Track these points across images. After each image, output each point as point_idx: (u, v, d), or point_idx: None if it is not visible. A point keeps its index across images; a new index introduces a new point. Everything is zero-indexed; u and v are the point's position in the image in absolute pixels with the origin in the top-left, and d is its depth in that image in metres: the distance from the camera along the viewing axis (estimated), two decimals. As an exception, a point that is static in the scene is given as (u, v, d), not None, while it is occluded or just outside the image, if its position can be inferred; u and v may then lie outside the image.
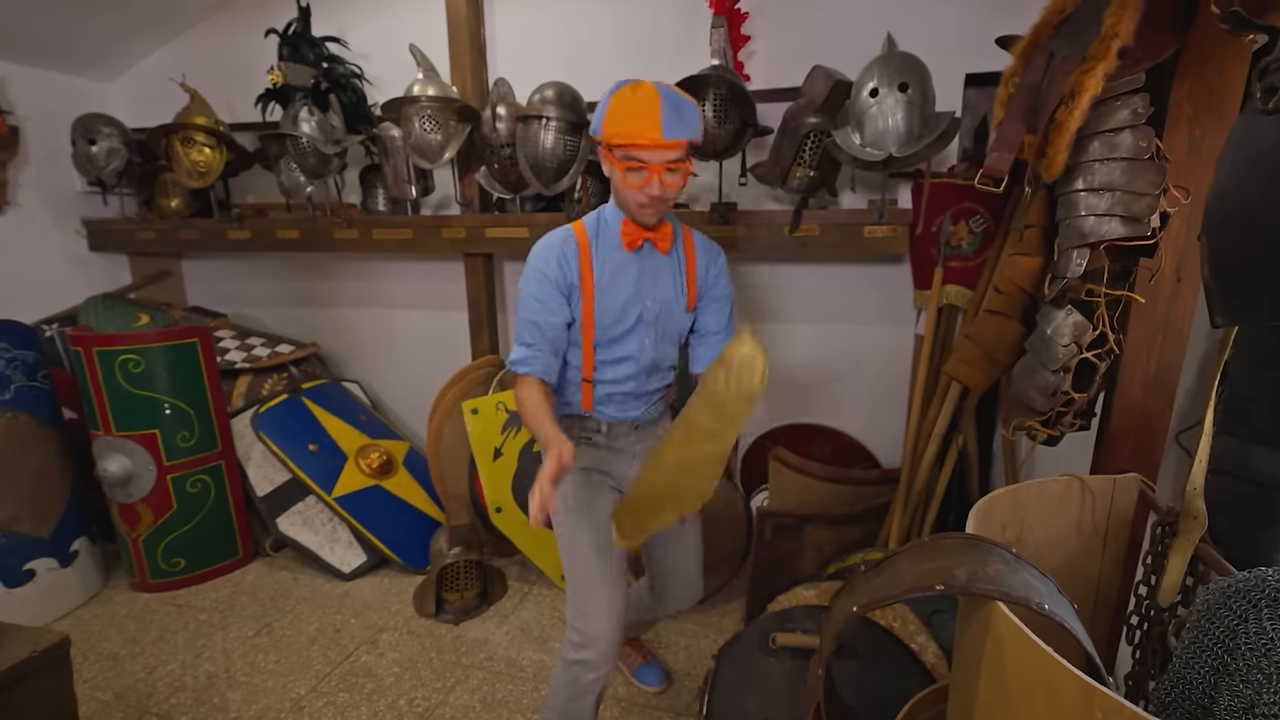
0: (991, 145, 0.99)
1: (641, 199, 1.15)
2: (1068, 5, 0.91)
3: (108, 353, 2.00)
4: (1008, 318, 1.15)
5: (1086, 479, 0.93)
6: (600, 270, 1.23)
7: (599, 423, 1.33)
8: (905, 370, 2.30)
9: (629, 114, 1.10)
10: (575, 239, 1.23)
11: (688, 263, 1.31)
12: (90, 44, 2.52)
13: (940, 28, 1.93)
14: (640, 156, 1.12)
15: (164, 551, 2.17)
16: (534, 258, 1.23)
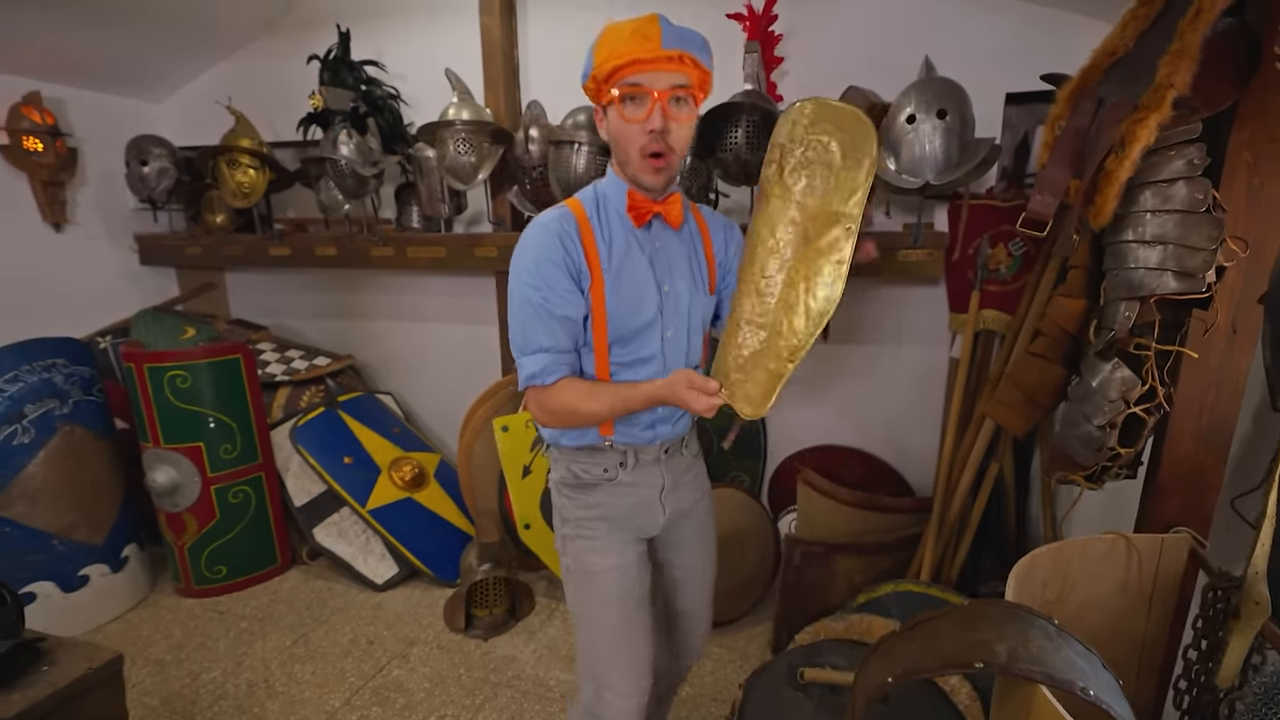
0: (1036, 188, 0.96)
1: (643, 140, 0.96)
2: (1118, 49, 0.88)
3: (157, 369, 2.08)
4: (1050, 361, 1.12)
5: (1133, 538, 0.90)
6: (607, 251, 1.03)
7: (621, 452, 1.10)
8: (938, 393, 2.26)
9: (620, 35, 0.94)
10: (574, 216, 1.02)
11: (704, 239, 1.14)
12: (143, 67, 2.62)
13: (980, 46, 1.88)
14: (637, 80, 0.93)
15: (208, 559, 2.26)
16: (528, 244, 1.01)
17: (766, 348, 0.93)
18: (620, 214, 1.04)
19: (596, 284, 1.02)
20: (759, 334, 0.93)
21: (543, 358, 1.02)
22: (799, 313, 0.91)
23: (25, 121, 2.36)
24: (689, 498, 1.22)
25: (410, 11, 2.39)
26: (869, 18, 1.96)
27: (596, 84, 0.98)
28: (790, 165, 0.90)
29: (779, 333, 0.92)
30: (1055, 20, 1.82)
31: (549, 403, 1.03)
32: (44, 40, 2.27)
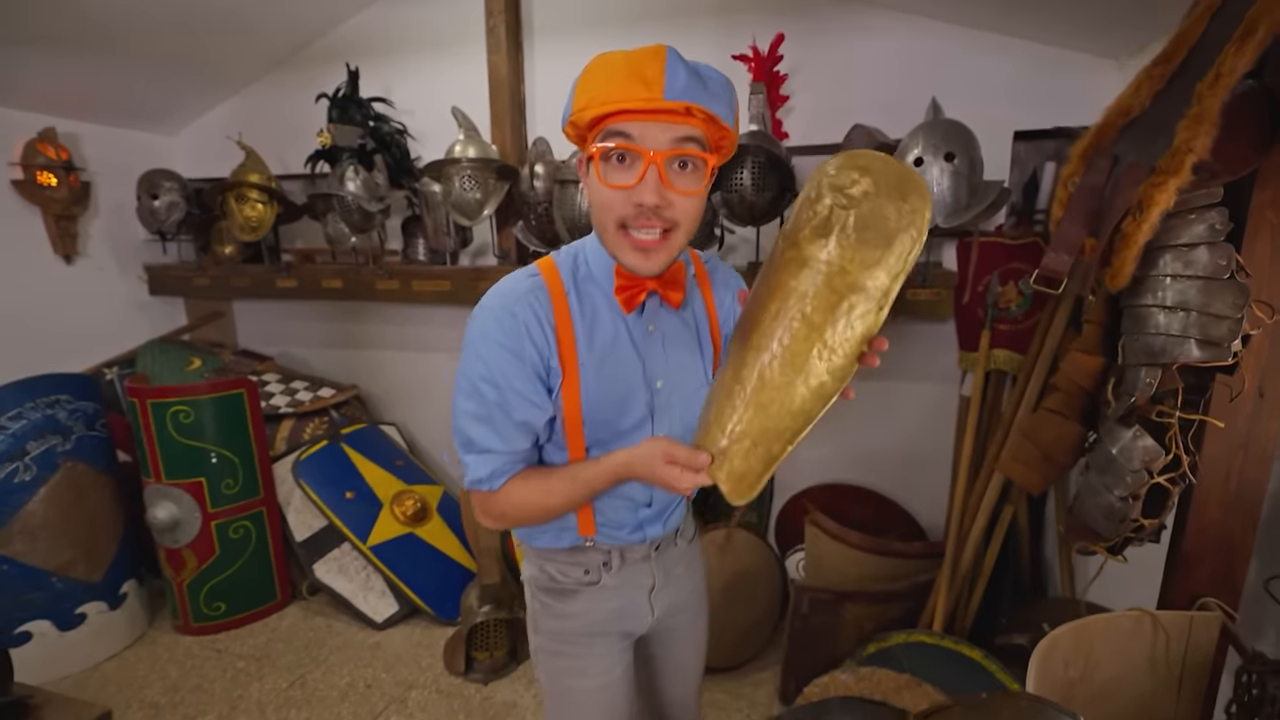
0: (1051, 245, 0.93)
1: (627, 211, 0.73)
2: (1132, 108, 0.85)
3: (160, 404, 2.07)
4: (1066, 418, 1.08)
5: (1160, 615, 0.86)
6: (587, 338, 0.81)
7: (605, 552, 0.93)
8: (949, 431, 2.21)
9: (612, 69, 0.70)
10: (546, 291, 0.80)
11: (708, 309, 0.91)
12: (157, 103, 2.66)
13: (987, 85, 1.87)
14: (627, 130, 0.70)
15: (206, 596, 2.23)
16: (486, 322, 0.79)
17: (765, 421, 0.75)
18: (606, 291, 0.82)
19: (570, 382, 0.81)
20: (760, 399, 0.75)
21: (491, 460, 0.82)
22: (808, 385, 0.74)
23: (40, 157, 2.39)
24: (683, 590, 1.03)
25: (419, 49, 2.42)
26: (875, 56, 1.95)
27: (577, 130, 0.75)
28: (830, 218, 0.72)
29: (783, 406, 0.74)
30: (1062, 59, 1.81)
31: (495, 508, 0.85)
32: (60, 78, 2.31)
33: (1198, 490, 0.93)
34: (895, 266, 0.71)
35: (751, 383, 0.75)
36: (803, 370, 0.74)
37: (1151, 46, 1.61)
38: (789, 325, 0.73)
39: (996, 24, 1.82)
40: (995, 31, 1.84)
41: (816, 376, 0.74)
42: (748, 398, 0.75)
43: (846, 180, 0.72)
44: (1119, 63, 1.75)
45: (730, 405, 0.77)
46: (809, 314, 0.72)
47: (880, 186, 0.71)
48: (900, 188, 0.70)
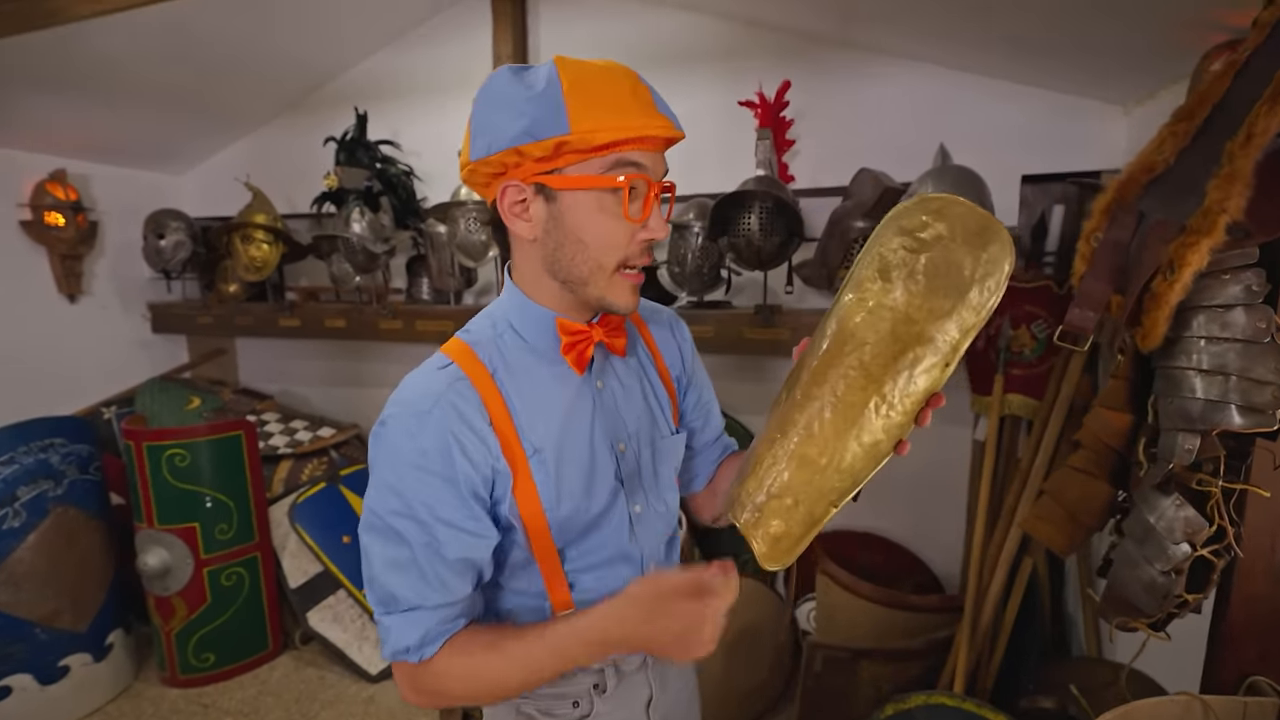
0: (1075, 302, 0.90)
1: (633, 250, 0.68)
2: (1156, 165, 0.83)
3: (156, 447, 2.03)
4: (1093, 476, 1.03)
5: (1210, 701, 0.80)
6: (530, 426, 0.69)
7: (597, 672, 0.77)
8: (961, 476, 2.16)
9: (612, 90, 0.62)
10: (468, 381, 0.67)
11: (654, 358, 0.83)
12: (167, 144, 2.70)
13: (993, 129, 1.87)
14: (639, 161, 0.64)
15: (195, 646, 2.15)
16: (394, 440, 0.66)
17: (810, 478, 0.67)
18: (545, 354, 0.71)
19: (522, 481, 0.67)
20: (806, 453, 0.67)
21: (420, 620, 0.65)
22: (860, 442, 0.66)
23: (49, 198, 2.41)
24: (681, 696, 0.89)
25: (426, 92, 2.45)
26: (881, 101, 1.96)
27: (561, 153, 0.62)
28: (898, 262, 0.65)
29: (831, 463, 0.67)
30: (1069, 106, 1.82)
31: (430, 683, 0.66)
32: (73, 121, 2.34)
33: (1242, 562, 0.87)
34: (968, 320, 0.63)
35: (798, 435, 0.67)
36: (856, 424, 0.66)
37: (1160, 94, 1.61)
38: (845, 375, 0.66)
39: (1003, 71, 1.83)
40: (1002, 78, 1.85)
41: (871, 433, 0.66)
42: (792, 450, 0.67)
43: (917, 223, 0.64)
44: (1126, 109, 1.76)
45: (771, 457, 0.68)
46: (868, 363, 0.65)
47: (956, 232, 0.63)
48: (980, 235, 0.62)
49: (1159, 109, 1.60)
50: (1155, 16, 1.33)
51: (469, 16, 2.31)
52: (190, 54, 2.15)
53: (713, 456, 0.94)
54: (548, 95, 0.61)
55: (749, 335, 1.93)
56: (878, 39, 1.92)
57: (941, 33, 1.78)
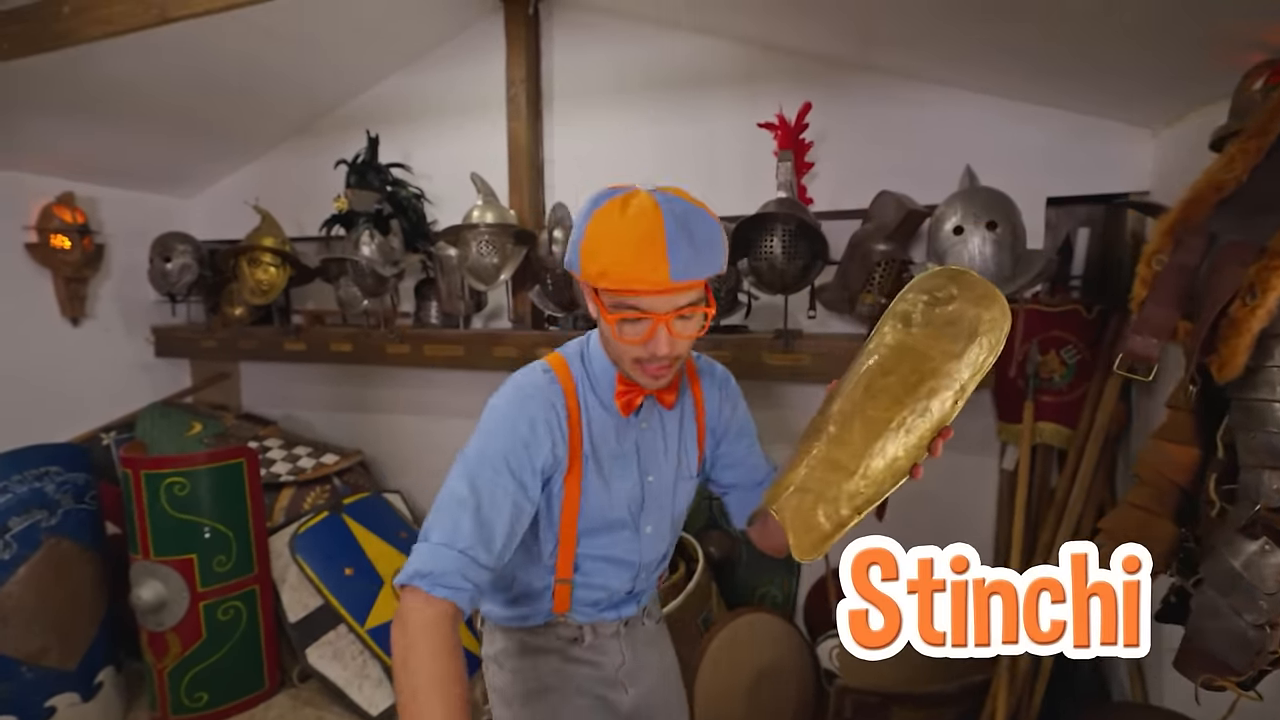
0: (1135, 328, 0.85)
1: (642, 354, 0.81)
2: (1227, 184, 0.78)
3: (154, 475, 1.97)
4: (1155, 515, 0.96)
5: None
6: (589, 436, 0.87)
7: (578, 628, 0.97)
8: (987, 505, 2.08)
9: (619, 245, 0.75)
10: (560, 389, 0.87)
11: (697, 411, 0.97)
12: (176, 167, 2.68)
13: (1017, 152, 1.83)
14: (639, 305, 0.77)
15: (188, 685, 2.05)
16: (510, 407, 0.85)
17: (839, 479, 0.77)
18: (605, 397, 0.89)
19: (574, 473, 0.87)
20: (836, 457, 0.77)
21: (447, 556, 0.76)
22: (884, 456, 0.77)
23: (55, 221, 2.38)
24: (652, 674, 1.06)
25: (438, 115, 2.44)
26: (901, 124, 1.94)
27: (586, 282, 0.81)
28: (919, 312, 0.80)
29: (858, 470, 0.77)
30: (1095, 128, 1.78)
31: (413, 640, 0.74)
32: (81, 144, 2.33)
33: (1331, 609, 0.80)
34: (975, 362, 0.77)
35: (831, 442, 0.78)
36: (881, 438, 0.77)
37: (1189, 117, 1.57)
38: (874, 396, 0.78)
39: (1026, 93, 1.80)
40: (1025, 100, 1.82)
41: (893, 449, 0.77)
42: (825, 455, 0.78)
43: (937, 285, 0.81)
44: (1154, 132, 1.72)
45: (808, 459, 0.78)
46: (893, 388, 0.77)
47: (965, 294, 0.79)
48: (985, 299, 0.78)
49: (1188, 132, 1.57)
50: (1183, 39, 1.30)
51: (482, 41, 2.31)
52: (201, 78, 2.14)
53: (755, 498, 1.00)
54: (579, 233, 0.79)
55: (769, 360, 1.87)
56: (898, 62, 1.90)
57: (963, 56, 1.75)
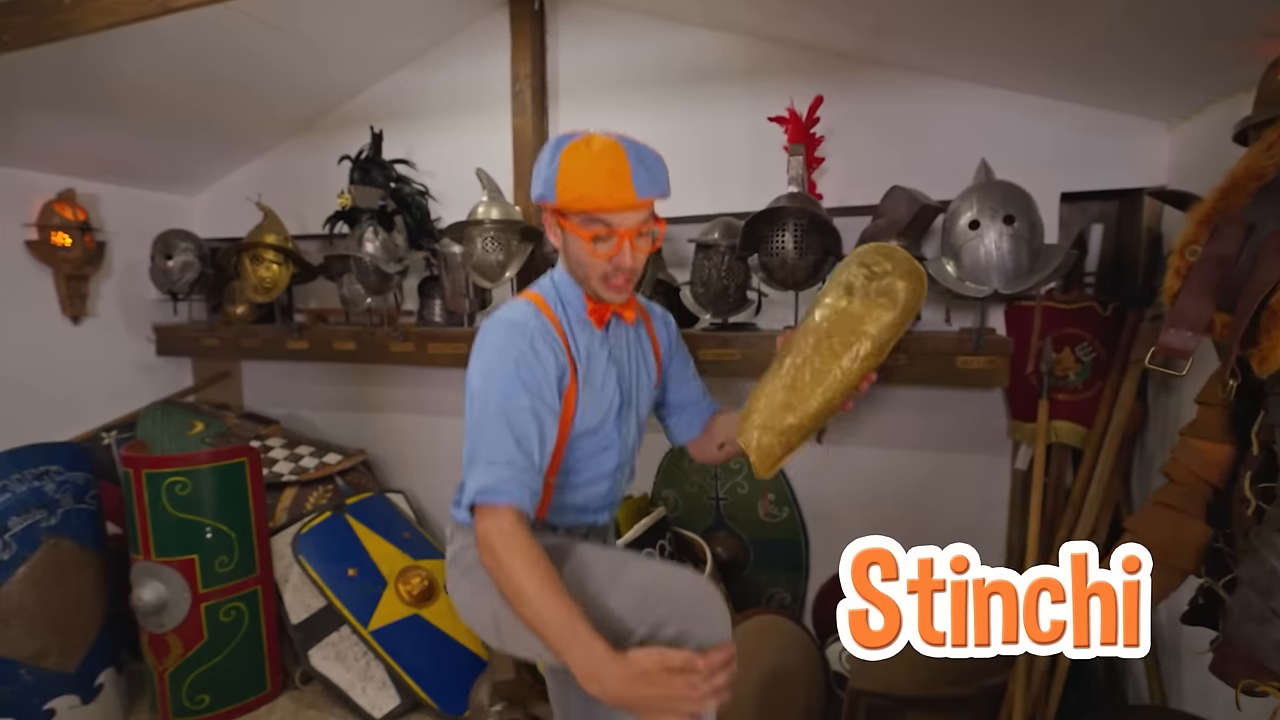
0: (1170, 321, 0.82)
1: (609, 269, 0.99)
2: (1266, 171, 0.76)
3: (156, 475, 1.94)
4: (1185, 514, 0.94)
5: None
6: (579, 354, 1.05)
7: (552, 529, 1.13)
8: (999, 505, 2.05)
9: (589, 172, 0.93)
10: (547, 319, 1.01)
11: (649, 332, 1.22)
12: (179, 164, 2.66)
13: (1030, 147, 1.80)
14: (609, 221, 0.95)
15: (190, 687, 2.02)
16: (500, 342, 0.97)
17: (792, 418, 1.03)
18: (580, 316, 1.07)
19: (571, 385, 1.03)
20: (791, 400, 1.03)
21: (501, 471, 0.91)
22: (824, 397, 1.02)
23: (56, 218, 2.36)
24: None
25: (443, 112, 2.42)
26: (911, 119, 1.91)
27: (558, 211, 0.99)
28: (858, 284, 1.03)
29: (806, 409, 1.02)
30: (1110, 122, 1.75)
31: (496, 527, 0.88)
32: (83, 141, 2.30)
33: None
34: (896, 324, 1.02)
35: (786, 386, 1.03)
36: (823, 384, 1.02)
37: (1208, 110, 1.55)
38: (820, 351, 1.03)
39: (1039, 87, 1.77)
40: (1037, 94, 1.79)
41: (831, 394, 1.03)
42: (781, 398, 1.03)
43: (875, 260, 1.03)
44: (1169, 125, 1.69)
45: (766, 400, 1.05)
46: (836, 346, 1.02)
47: (896, 269, 1.01)
48: (912, 274, 1.01)
49: (1207, 125, 1.54)
50: (1201, 30, 1.27)
51: (486, 36, 2.29)
52: (204, 73, 2.12)
53: (701, 411, 1.32)
54: (550, 169, 0.96)
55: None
56: (909, 56, 1.88)
57: (975, 49, 1.73)
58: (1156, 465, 1.68)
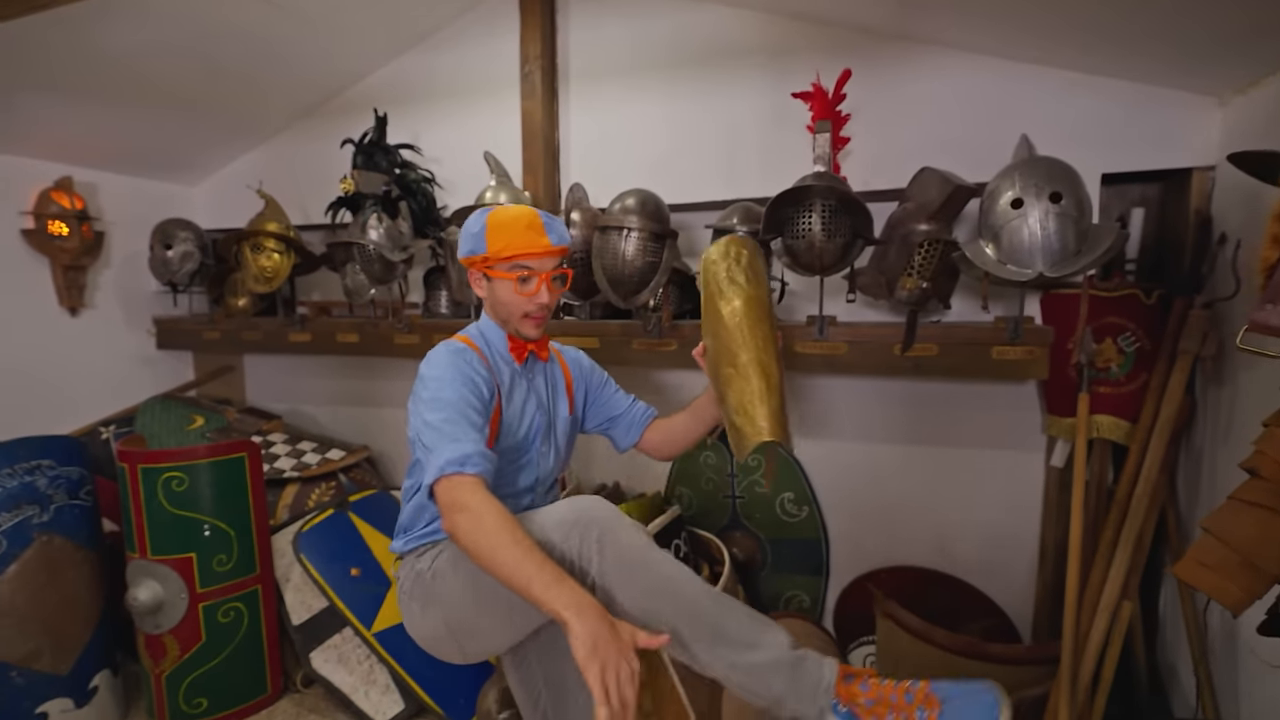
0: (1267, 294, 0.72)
1: (531, 308, 1.20)
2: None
3: (152, 470, 1.87)
4: (1273, 511, 0.84)
5: None
6: (501, 383, 1.22)
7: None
8: (1032, 504, 1.95)
9: (511, 227, 1.16)
10: (474, 352, 1.19)
11: (562, 367, 1.40)
12: (180, 153, 2.59)
13: (1067, 125, 1.71)
14: (530, 265, 1.18)
15: (187, 690, 1.95)
16: (444, 361, 1.14)
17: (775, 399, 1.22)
18: (503, 354, 1.26)
19: (496, 406, 1.18)
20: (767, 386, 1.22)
21: (461, 446, 1.00)
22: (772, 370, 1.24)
23: (53, 206, 2.30)
24: None
25: (449, 96, 2.34)
26: (939, 97, 1.82)
27: (486, 261, 1.19)
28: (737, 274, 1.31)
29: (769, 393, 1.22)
30: (1154, 97, 1.65)
31: (462, 495, 0.96)
32: (81, 127, 2.24)
33: None
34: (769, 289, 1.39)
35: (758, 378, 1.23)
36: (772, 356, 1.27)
37: (1265, 82, 1.44)
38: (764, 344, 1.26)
39: (1077, 61, 1.67)
40: (1075, 70, 1.69)
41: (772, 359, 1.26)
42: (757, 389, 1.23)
43: (731, 250, 1.33)
44: (1221, 100, 1.59)
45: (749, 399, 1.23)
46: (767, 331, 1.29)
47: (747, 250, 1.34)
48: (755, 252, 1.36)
49: (1265, 99, 1.44)
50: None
51: (495, 17, 2.21)
52: (203, 56, 2.05)
53: (636, 416, 1.48)
54: (479, 230, 1.20)
55: (800, 350, 1.75)
56: (937, 31, 1.78)
57: (1007, 21, 1.63)
58: (1206, 462, 1.58)
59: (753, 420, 1.18)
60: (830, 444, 2.16)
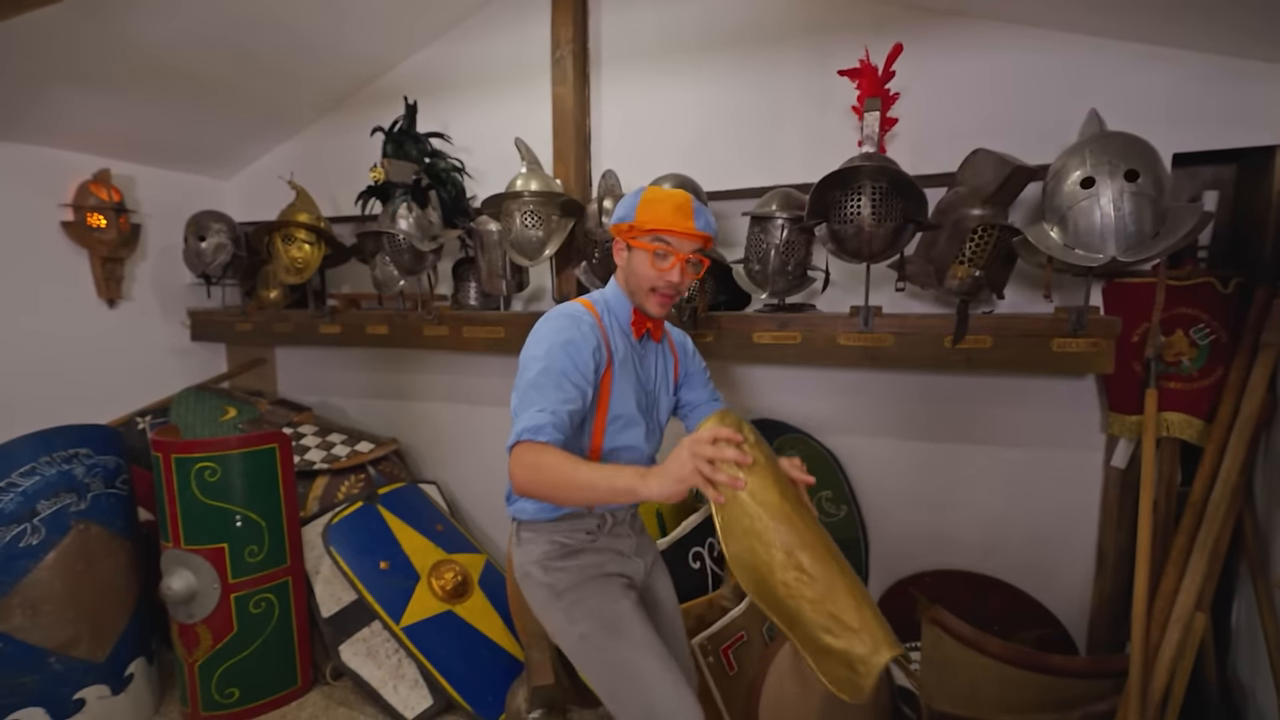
0: None
1: (661, 284, 1.20)
2: None
3: (185, 460, 1.87)
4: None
5: None
6: (615, 352, 1.22)
7: (601, 517, 1.28)
8: (1089, 508, 1.84)
9: (663, 204, 1.18)
10: (593, 318, 1.20)
11: (672, 352, 1.41)
12: (214, 146, 2.61)
13: (1132, 101, 1.59)
14: (670, 242, 1.18)
15: (219, 680, 1.95)
16: (558, 325, 1.16)
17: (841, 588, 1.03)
18: (622, 325, 1.26)
19: (608, 373, 1.20)
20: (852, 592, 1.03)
21: (542, 415, 1.04)
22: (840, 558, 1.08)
23: (92, 199, 2.32)
24: (650, 556, 1.40)
25: (479, 84, 2.30)
26: (993, 75, 1.71)
27: (632, 230, 1.20)
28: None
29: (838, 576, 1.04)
30: (1231, 69, 1.53)
31: (533, 457, 1.01)
32: (119, 121, 2.26)
33: None
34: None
35: (841, 573, 1.05)
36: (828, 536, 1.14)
37: (1364, 47, 1.32)
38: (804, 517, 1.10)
39: (1147, 33, 1.56)
40: (1145, 41, 1.58)
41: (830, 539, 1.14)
42: (849, 583, 1.05)
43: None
44: (1308, 68, 1.46)
45: (851, 596, 1.04)
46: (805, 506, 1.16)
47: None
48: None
49: (1361, 67, 1.32)
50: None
51: (525, 3, 2.16)
52: (235, 48, 2.05)
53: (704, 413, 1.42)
54: (634, 200, 1.21)
55: (844, 343, 1.67)
56: (989, 5, 1.68)
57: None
58: (1290, 464, 1.46)
59: (858, 633, 0.94)
60: (870, 440, 2.07)
